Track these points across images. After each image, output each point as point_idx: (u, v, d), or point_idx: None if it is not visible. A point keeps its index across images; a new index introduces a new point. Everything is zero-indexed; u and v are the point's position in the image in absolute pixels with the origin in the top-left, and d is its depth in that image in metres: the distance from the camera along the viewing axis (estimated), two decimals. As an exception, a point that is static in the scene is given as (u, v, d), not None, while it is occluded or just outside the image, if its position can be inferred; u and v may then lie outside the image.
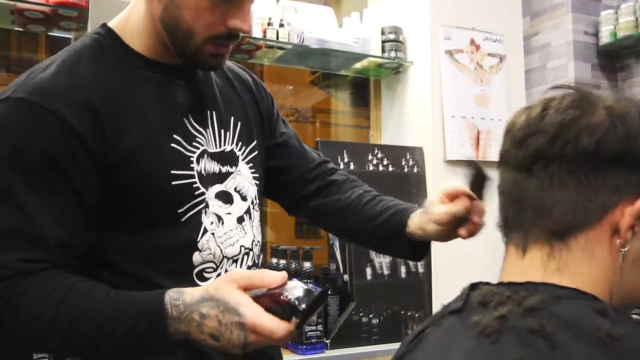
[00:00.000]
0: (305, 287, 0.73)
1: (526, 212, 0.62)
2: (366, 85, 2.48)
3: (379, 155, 2.04)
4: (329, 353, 1.69)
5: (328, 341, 1.70)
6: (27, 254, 0.73)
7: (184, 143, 0.86)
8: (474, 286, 0.65)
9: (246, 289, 0.72)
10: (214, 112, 0.92)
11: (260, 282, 0.72)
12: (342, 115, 2.70)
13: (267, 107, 1.05)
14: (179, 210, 0.84)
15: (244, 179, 0.94)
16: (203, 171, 0.87)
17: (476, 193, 0.89)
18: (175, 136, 0.85)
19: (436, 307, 1.92)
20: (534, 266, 0.61)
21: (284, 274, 0.73)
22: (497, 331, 0.55)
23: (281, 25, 1.98)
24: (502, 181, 0.66)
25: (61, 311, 0.72)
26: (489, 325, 0.56)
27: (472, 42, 2.21)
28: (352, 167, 1.96)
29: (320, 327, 1.66)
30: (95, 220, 0.79)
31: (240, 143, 0.95)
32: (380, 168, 2.03)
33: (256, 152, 0.98)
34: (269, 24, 1.97)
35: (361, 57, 2.16)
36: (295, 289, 0.72)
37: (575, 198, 0.58)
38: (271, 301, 0.71)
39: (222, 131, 0.93)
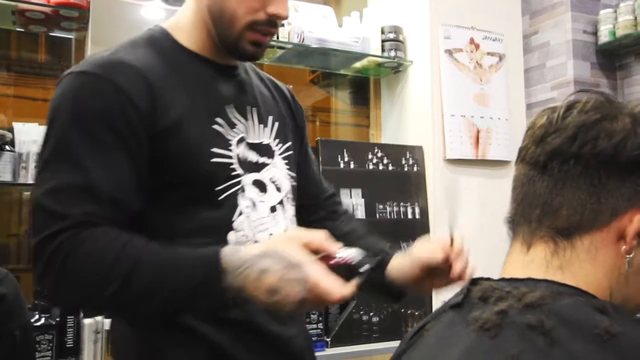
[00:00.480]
0: (363, 252, 0.76)
1: (535, 209, 0.62)
2: (366, 85, 2.48)
3: (379, 154, 2.04)
4: (330, 351, 1.70)
5: (329, 339, 1.71)
6: (85, 208, 0.76)
7: (225, 127, 0.91)
8: (474, 281, 0.65)
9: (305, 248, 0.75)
10: (254, 109, 0.98)
11: (319, 244, 0.75)
12: (342, 114, 2.70)
13: (300, 120, 1.13)
14: (216, 189, 0.87)
15: (279, 171, 0.98)
16: (241, 156, 0.92)
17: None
18: (217, 119, 0.90)
19: (436, 305, 1.93)
20: (537, 263, 0.61)
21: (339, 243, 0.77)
22: (496, 326, 0.55)
23: (281, 25, 1.99)
24: (516, 176, 0.66)
25: (123, 256, 0.73)
26: (489, 320, 0.56)
27: (472, 41, 2.21)
28: (352, 166, 1.97)
29: (320, 326, 1.67)
30: (144, 191, 0.83)
31: (277, 140, 1.00)
32: (380, 167, 2.04)
33: (292, 152, 1.03)
34: (269, 24, 1.97)
35: (361, 56, 2.16)
36: (353, 253, 0.75)
37: (586, 199, 0.58)
38: (331, 263, 0.74)
39: (261, 126, 0.98)
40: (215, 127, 0.89)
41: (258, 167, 0.94)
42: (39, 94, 2.10)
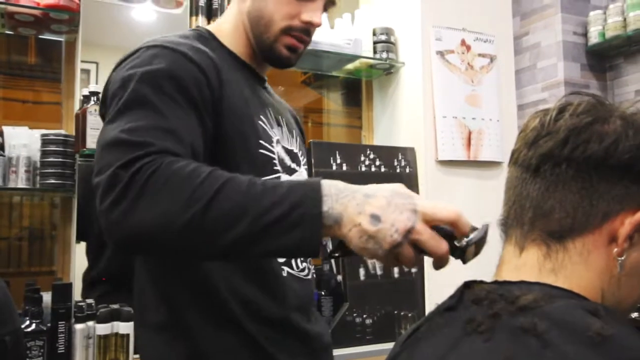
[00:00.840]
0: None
1: (528, 212, 0.62)
2: (358, 86, 2.48)
3: (371, 156, 2.04)
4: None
5: (322, 342, 1.70)
6: (167, 144, 0.74)
7: (267, 126, 0.95)
8: (467, 284, 0.65)
9: None
10: (283, 118, 1.04)
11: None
12: (334, 115, 2.70)
13: (304, 141, 1.17)
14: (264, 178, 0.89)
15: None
16: (280, 156, 0.96)
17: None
18: (262, 116, 0.95)
19: (429, 307, 1.93)
20: (530, 265, 0.62)
21: None
22: (490, 329, 0.55)
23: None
24: (509, 179, 0.66)
25: (211, 177, 0.68)
26: (482, 323, 0.56)
27: (463, 42, 2.22)
28: (344, 168, 1.97)
29: (314, 328, 1.66)
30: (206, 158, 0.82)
31: (300, 151, 1.06)
32: (373, 169, 2.04)
33: (307, 167, 1.09)
34: (260, 26, 1.96)
35: (353, 58, 2.16)
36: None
37: (578, 202, 0.59)
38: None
39: (290, 135, 1.03)
40: (261, 123, 0.93)
41: (291, 171, 0.98)
42: (28, 97, 2.08)
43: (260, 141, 0.91)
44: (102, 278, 1.78)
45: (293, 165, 0.99)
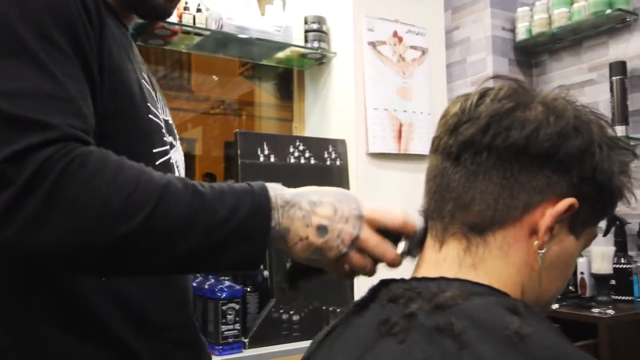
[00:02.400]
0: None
1: (448, 203, 0.59)
2: (290, 77, 2.42)
3: (301, 148, 1.99)
4: (247, 352, 1.63)
5: (246, 340, 1.64)
6: (68, 120, 0.57)
7: (150, 85, 0.80)
8: (384, 282, 0.62)
9: None
10: (154, 80, 0.87)
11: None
12: (266, 108, 2.64)
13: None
14: (154, 150, 0.75)
15: (180, 157, 0.87)
16: (165, 125, 0.81)
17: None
18: (143, 74, 0.79)
19: (358, 301, 1.91)
20: (450, 261, 0.59)
21: None
22: (404, 330, 0.53)
23: (198, 10, 1.89)
24: (429, 168, 0.63)
25: (144, 180, 0.55)
26: (397, 323, 0.53)
27: (395, 34, 2.20)
28: (272, 159, 1.90)
29: (237, 326, 1.59)
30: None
31: (172, 122, 0.89)
32: (302, 161, 1.98)
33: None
34: (185, 9, 1.87)
35: (283, 46, 2.10)
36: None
37: (499, 193, 0.56)
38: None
39: (163, 101, 0.87)
40: (144, 82, 0.77)
41: (171, 145, 0.82)
42: None
43: (149, 104, 0.74)
44: None
45: (170, 139, 0.82)
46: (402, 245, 0.64)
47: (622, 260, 1.90)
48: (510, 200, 0.56)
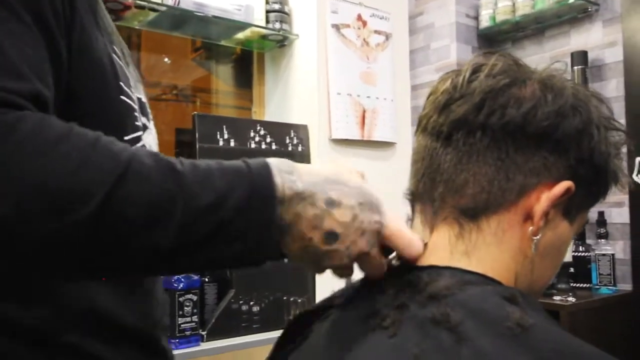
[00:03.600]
0: None
1: (438, 186, 0.55)
2: (249, 60, 2.33)
3: (262, 132, 1.91)
4: (205, 345, 1.55)
5: (204, 333, 1.56)
6: (7, 86, 0.45)
7: (123, 61, 0.68)
8: None
9: None
10: (127, 52, 0.75)
11: None
12: (223, 95, 2.54)
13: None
14: (126, 138, 0.63)
15: (154, 140, 0.74)
16: (139, 105, 0.69)
17: None
18: (115, 47, 0.66)
19: (320, 292, 1.86)
20: (441, 248, 0.54)
21: None
22: (396, 322, 0.48)
23: (153, -18, 1.78)
24: (417, 149, 0.58)
25: (100, 154, 0.43)
26: (387, 316, 0.49)
27: (359, 17, 2.14)
28: (232, 144, 1.82)
29: (195, 318, 1.52)
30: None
31: (146, 100, 0.77)
32: (263, 146, 1.91)
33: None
34: (139, -18, 1.75)
35: (243, 26, 2.01)
36: None
37: (493, 175, 0.52)
38: None
39: (136, 77, 0.74)
40: (115, 57, 0.64)
41: (144, 127, 0.70)
42: None
43: (121, 83, 0.64)
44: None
45: (144, 120, 0.70)
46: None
47: (581, 249, 1.92)
48: (506, 182, 0.52)
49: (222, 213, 0.45)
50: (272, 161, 0.49)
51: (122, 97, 0.64)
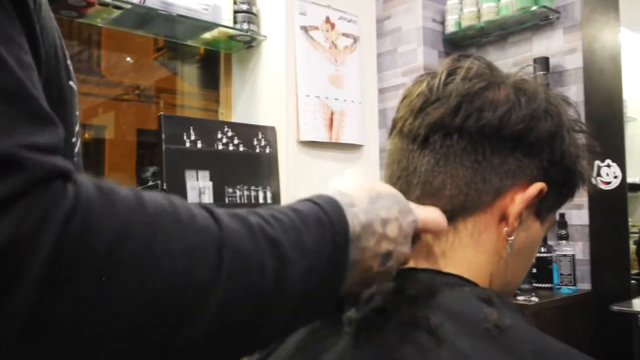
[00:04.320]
0: None
1: (415, 189, 0.54)
2: (216, 60, 2.31)
3: (229, 134, 1.89)
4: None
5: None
6: (30, 137, 0.31)
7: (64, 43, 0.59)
8: None
9: None
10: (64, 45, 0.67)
11: None
12: (188, 96, 2.49)
13: None
14: (73, 140, 0.56)
15: (79, 142, 0.68)
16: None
17: None
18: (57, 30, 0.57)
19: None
20: (417, 249, 0.54)
21: None
22: (375, 325, 0.48)
23: (118, -19, 1.74)
24: (392, 151, 0.58)
25: (191, 238, 0.35)
26: (365, 319, 0.49)
27: (328, 20, 2.14)
28: (199, 145, 1.79)
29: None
30: None
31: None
32: (231, 147, 1.89)
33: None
34: (103, -22, 1.71)
35: (211, 26, 1.98)
36: None
37: (470, 177, 0.53)
38: None
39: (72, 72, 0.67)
40: (58, 41, 0.55)
41: (77, 135, 0.61)
42: None
43: (68, 63, 0.56)
44: None
45: (77, 128, 0.61)
46: None
47: (542, 250, 1.97)
48: (482, 184, 0.53)
49: (311, 282, 0.40)
50: (338, 197, 0.45)
51: (70, 82, 0.58)
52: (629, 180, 1.93)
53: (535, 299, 1.75)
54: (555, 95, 0.57)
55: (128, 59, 2.46)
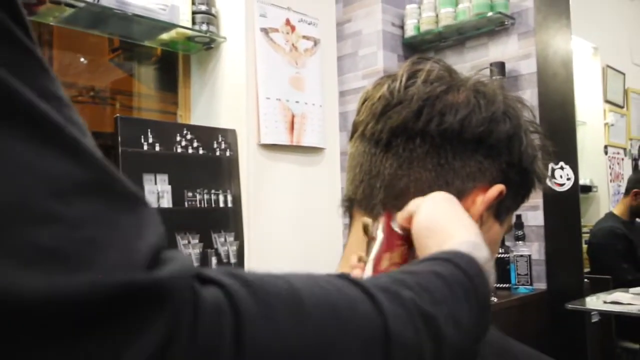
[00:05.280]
0: None
1: (379, 193, 0.54)
2: (174, 62, 2.26)
3: (188, 137, 1.85)
4: None
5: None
6: (151, 238, 0.27)
7: None
8: None
9: None
10: None
11: None
12: (145, 98, 2.43)
13: None
14: None
15: None
16: None
17: None
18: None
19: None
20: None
21: None
22: None
23: (70, -22, 1.68)
24: (354, 154, 0.57)
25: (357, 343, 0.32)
26: None
27: (288, 22, 2.13)
28: (157, 148, 1.75)
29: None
30: None
31: None
32: (190, 150, 1.85)
33: None
34: (55, -25, 1.65)
35: (168, 26, 1.94)
36: None
37: (433, 181, 0.53)
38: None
39: None
40: None
41: None
42: None
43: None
44: None
45: None
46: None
47: (501, 250, 2.01)
48: (445, 187, 0.53)
49: (462, 353, 0.39)
50: (473, 252, 0.43)
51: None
52: (580, 182, 1.99)
53: (494, 299, 1.78)
54: (512, 97, 0.58)
55: (82, 59, 2.38)
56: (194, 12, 2.00)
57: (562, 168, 1.95)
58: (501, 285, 1.99)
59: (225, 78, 2.08)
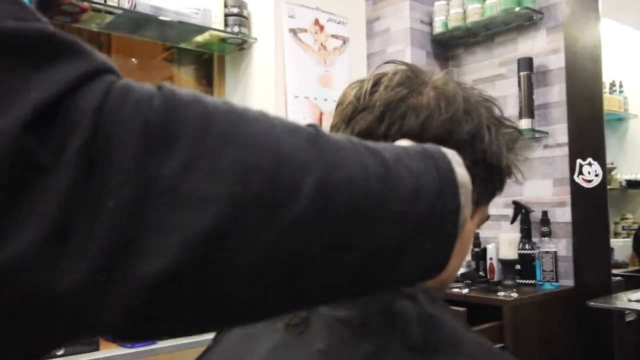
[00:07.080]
0: None
1: None
2: (210, 62, 2.36)
3: (219, 134, 1.94)
4: (162, 344, 1.58)
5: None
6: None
7: None
8: None
9: None
10: None
11: None
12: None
13: None
14: None
15: None
16: None
17: None
18: None
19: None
20: None
21: None
22: (305, 321, 0.52)
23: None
24: None
25: (282, 127, 0.32)
26: (296, 315, 0.53)
27: (317, 22, 2.19)
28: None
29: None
30: None
31: None
32: (221, 147, 1.94)
33: None
34: (95, -16, 1.77)
35: (202, 29, 2.04)
36: None
37: None
38: None
39: None
40: None
41: None
42: None
43: None
44: None
45: None
46: None
47: (527, 247, 2.01)
48: None
49: (422, 202, 0.34)
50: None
51: None
52: (631, 177, 1.96)
53: (515, 295, 1.79)
54: (476, 95, 0.59)
55: (133, 60, 2.52)
56: (226, 15, 2.09)
57: (590, 164, 1.93)
58: (526, 282, 2.00)
59: (256, 77, 2.17)
